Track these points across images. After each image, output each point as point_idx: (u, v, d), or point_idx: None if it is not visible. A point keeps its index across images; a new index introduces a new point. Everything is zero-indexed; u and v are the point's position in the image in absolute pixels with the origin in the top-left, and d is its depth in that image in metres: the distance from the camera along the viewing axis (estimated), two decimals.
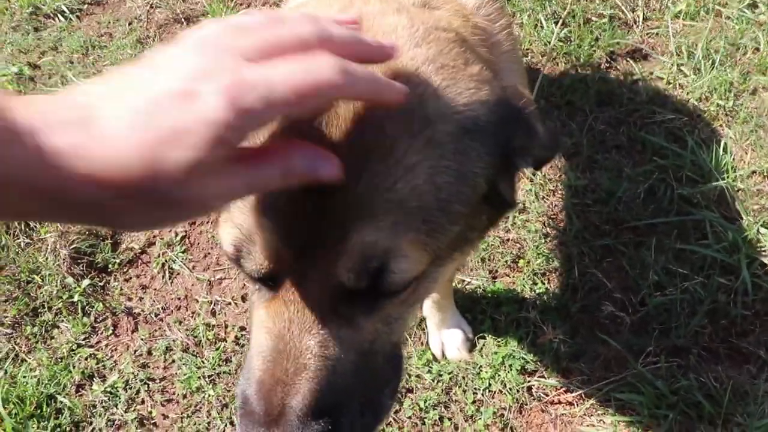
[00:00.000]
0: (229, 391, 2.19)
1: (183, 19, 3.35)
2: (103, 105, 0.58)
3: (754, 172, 2.50)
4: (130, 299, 2.46)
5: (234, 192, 0.66)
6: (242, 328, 2.33)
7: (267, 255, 0.88)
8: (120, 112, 0.58)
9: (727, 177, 2.46)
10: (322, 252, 0.85)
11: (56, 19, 3.49)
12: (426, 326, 2.23)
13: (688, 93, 2.78)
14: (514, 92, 1.01)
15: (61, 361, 2.32)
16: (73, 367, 2.31)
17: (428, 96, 0.87)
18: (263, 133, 0.79)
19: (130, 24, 3.39)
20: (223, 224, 0.93)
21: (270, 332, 0.93)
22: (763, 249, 2.28)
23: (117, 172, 0.56)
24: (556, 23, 3.00)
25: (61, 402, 2.22)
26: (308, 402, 0.89)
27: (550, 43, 2.92)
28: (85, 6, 3.49)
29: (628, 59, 2.95)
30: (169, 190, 0.58)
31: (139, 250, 2.57)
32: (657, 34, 3.03)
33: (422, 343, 2.23)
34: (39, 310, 2.45)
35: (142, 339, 2.35)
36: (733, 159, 2.54)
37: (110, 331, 2.39)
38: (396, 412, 2.09)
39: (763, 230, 2.32)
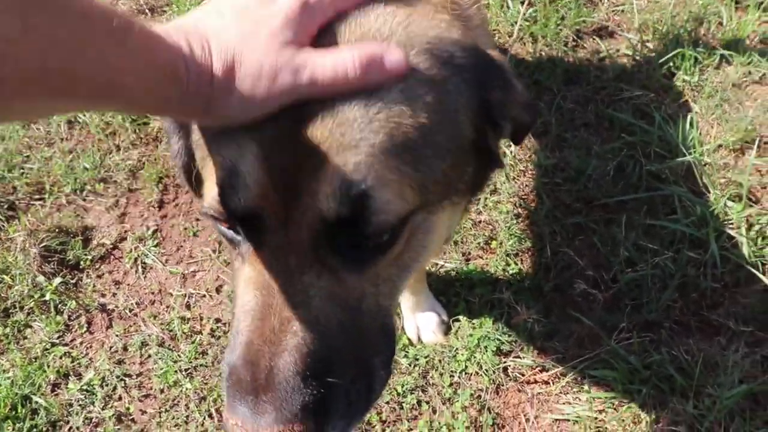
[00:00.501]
0: (206, 384, 2.18)
1: (147, 10, 3.30)
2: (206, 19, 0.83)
3: (720, 146, 2.53)
4: (103, 295, 2.44)
5: (309, 79, 0.81)
6: (217, 320, 2.32)
7: (254, 184, 0.86)
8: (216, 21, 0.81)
9: (694, 152, 2.48)
10: (305, 184, 0.84)
11: None
12: (401, 311, 2.24)
13: (654, 69, 2.80)
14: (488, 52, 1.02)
15: (35, 361, 2.30)
16: (48, 366, 2.28)
17: (395, 25, 0.90)
18: None
19: None
20: (207, 175, 0.94)
21: (255, 285, 0.91)
22: (730, 222, 2.32)
23: (226, 59, 0.78)
24: (522, 3, 3.00)
25: (37, 402, 2.20)
26: (295, 360, 0.86)
27: (516, 23, 2.92)
28: None
29: (594, 37, 2.96)
30: (259, 59, 0.78)
31: (111, 246, 2.54)
32: (622, 11, 3.04)
33: (398, 328, 2.24)
34: (10, 311, 2.42)
35: (117, 335, 2.34)
36: (700, 134, 2.57)
37: (84, 329, 2.37)
38: None
39: (730, 203, 2.35)
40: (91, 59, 0.65)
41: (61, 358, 2.31)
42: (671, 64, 2.79)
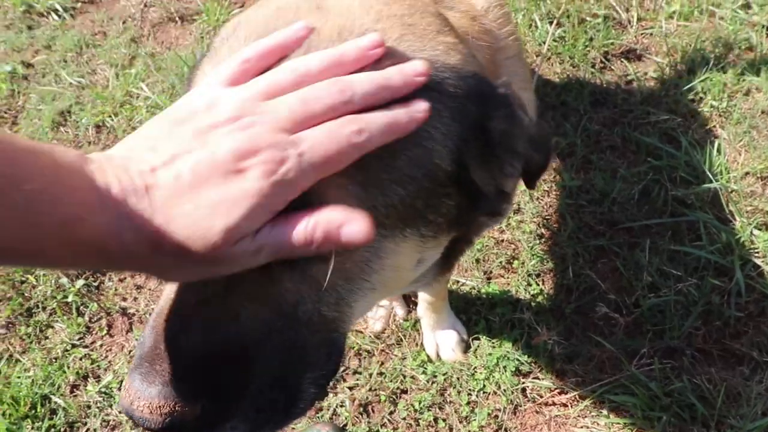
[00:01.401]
0: None
1: (177, 18, 3.34)
2: (158, 175, 0.67)
3: (747, 173, 2.51)
4: (124, 299, 2.46)
5: (270, 252, 0.74)
6: None
7: None
8: (172, 184, 0.67)
9: (721, 178, 2.47)
10: None
11: (50, 17, 3.48)
12: (421, 327, 2.24)
13: (681, 94, 2.79)
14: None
15: (56, 362, 2.32)
16: (68, 367, 2.30)
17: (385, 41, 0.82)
18: None
19: (124, 23, 3.38)
20: None
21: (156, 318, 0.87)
22: (756, 250, 2.29)
23: (171, 239, 0.66)
24: (551, 23, 3.01)
25: (56, 402, 2.21)
26: (202, 341, 0.79)
27: (544, 43, 2.92)
28: (79, 4, 3.49)
29: (622, 59, 2.96)
30: (215, 252, 0.68)
31: None
32: (651, 34, 3.03)
33: (417, 344, 2.24)
34: (33, 311, 2.45)
35: (137, 339, 2.35)
36: (727, 160, 2.55)
37: (105, 332, 2.39)
38: (390, 413, 2.09)
39: (756, 232, 2.33)
40: None
41: (81, 359, 2.32)
42: (699, 89, 2.78)
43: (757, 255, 2.29)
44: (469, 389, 2.12)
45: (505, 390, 2.10)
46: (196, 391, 0.79)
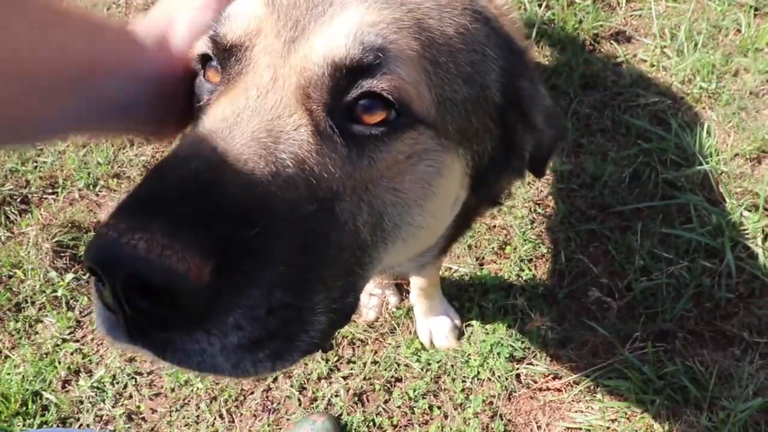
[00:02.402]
0: (217, 384, 2.18)
1: None
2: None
3: (737, 154, 2.51)
4: None
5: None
6: None
7: (248, 14, 0.81)
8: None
9: (711, 160, 2.47)
10: (314, 25, 0.79)
11: None
12: (414, 315, 2.23)
13: (671, 75, 2.78)
14: None
15: (46, 357, 2.30)
16: (59, 362, 2.28)
17: None
18: None
19: (108, 9, 3.32)
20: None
21: (213, 117, 0.77)
22: (746, 232, 2.30)
23: None
24: (540, 6, 2.98)
25: (47, 398, 2.20)
26: (229, 188, 0.67)
27: (534, 26, 2.90)
28: None
29: (611, 42, 2.94)
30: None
31: None
32: (640, 16, 3.02)
33: (410, 332, 2.23)
34: (22, 306, 2.42)
35: None
36: (717, 142, 2.55)
37: (96, 325, 2.36)
38: (385, 402, 2.10)
39: (746, 213, 2.34)
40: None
41: (72, 354, 2.30)
42: (688, 70, 2.77)
43: (747, 236, 2.30)
44: (464, 376, 2.12)
45: (499, 376, 2.10)
46: (210, 246, 0.62)
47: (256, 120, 0.74)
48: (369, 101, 0.79)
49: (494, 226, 2.42)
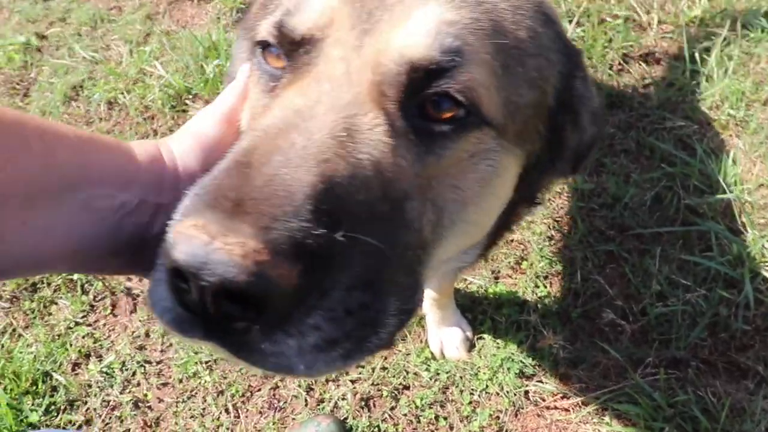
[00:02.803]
0: (225, 378, 2.18)
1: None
2: None
3: (761, 185, 2.49)
4: (129, 279, 2.45)
5: None
6: None
7: (322, 6, 0.80)
8: None
9: (735, 189, 2.45)
10: (389, 17, 0.79)
11: None
12: (426, 324, 2.23)
13: (699, 100, 2.76)
14: None
15: (59, 338, 2.31)
16: (70, 345, 2.30)
17: None
18: None
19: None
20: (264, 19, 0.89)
21: (284, 108, 0.77)
22: (767, 264, 2.28)
23: None
24: (570, 22, 2.97)
25: (57, 380, 2.21)
26: (315, 183, 0.66)
27: None
28: None
29: (640, 62, 2.93)
30: None
31: None
32: (671, 38, 3.00)
33: (421, 341, 2.23)
34: (38, 286, 2.44)
35: (140, 320, 2.35)
36: (742, 171, 2.53)
37: (108, 311, 2.38)
38: (391, 408, 2.09)
39: None
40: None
41: (83, 337, 2.32)
42: (717, 96, 2.75)
43: (767, 269, 2.27)
44: (472, 389, 2.12)
45: (507, 391, 2.09)
46: (298, 250, 0.62)
47: (332, 115, 0.74)
48: (440, 99, 0.79)
49: (512, 241, 2.41)
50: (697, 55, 2.89)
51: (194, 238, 0.59)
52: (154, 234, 0.78)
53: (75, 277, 2.41)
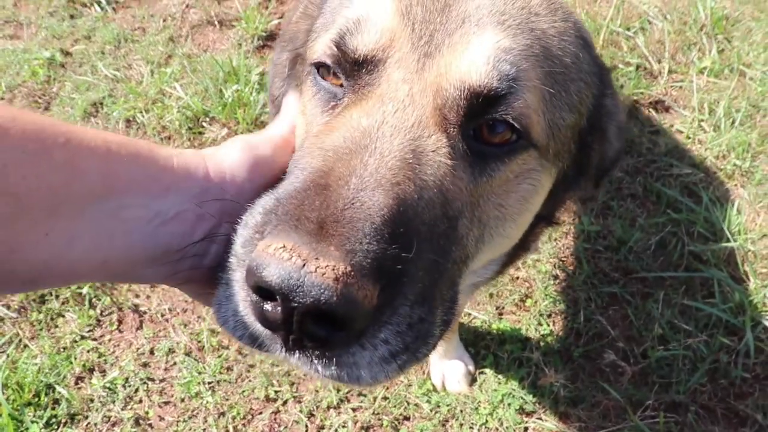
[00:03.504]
0: (227, 400, 2.20)
1: (216, 22, 3.38)
2: None
3: (765, 235, 2.53)
4: (137, 296, 2.48)
5: None
6: None
7: (384, 27, 0.83)
8: None
9: (739, 238, 2.48)
10: (449, 41, 0.82)
11: (92, 8, 3.54)
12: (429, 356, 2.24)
13: (706, 149, 2.82)
14: None
15: (64, 351, 2.33)
16: (75, 358, 2.32)
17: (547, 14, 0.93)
18: None
19: (164, 21, 3.42)
20: (321, 37, 0.93)
21: (351, 128, 0.80)
22: None
23: None
24: None
25: (60, 393, 2.22)
26: (390, 205, 0.70)
27: None
28: None
29: (650, 109, 2.98)
30: None
31: None
32: (681, 87, 3.06)
33: (423, 373, 2.25)
34: (46, 297, 2.47)
35: (145, 338, 2.37)
36: (746, 220, 2.57)
37: (115, 326, 2.40)
38: None
39: None
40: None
41: (88, 352, 2.34)
42: (724, 146, 2.80)
43: None
44: (472, 423, 2.13)
45: (507, 427, 2.11)
46: (378, 270, 0.65)
47: (398, 138, 0.78)
48: (496, 123, 0.84)
49: (517, 278, 2.44)
50: (705, 105, 2.95)
51: (287, 261, 0.61)
52: (199, 244, 0.79)
53: (84, 290, 2.44)
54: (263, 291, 0.63)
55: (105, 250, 0.74)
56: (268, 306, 0.64)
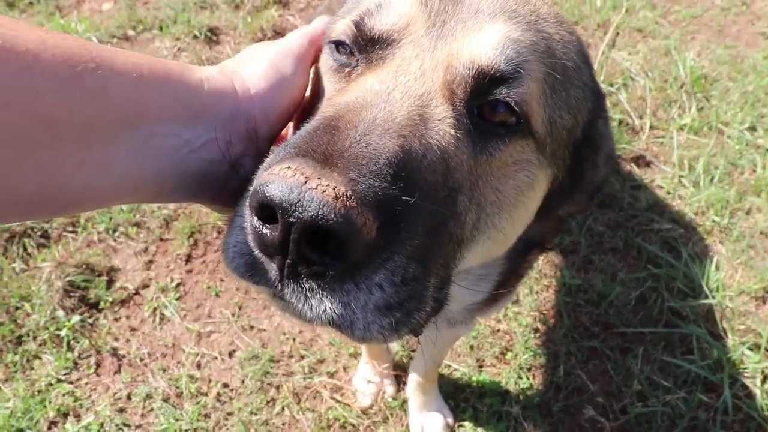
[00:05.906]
0: None
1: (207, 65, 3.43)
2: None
3: (742, 292, 2.56)
4: (117, 339, 2.45)
5: None
6: (225, 385, 2.32)
7: (402, 11, 0.91)
8: None
9: (717, 294, 2.52)
10: (462, 27, 0.89)
11: None
12: (408, 407, 2.24)
13: (686, 205, 2.87)
14: None
15: (38, 395, 2.30)
16: (50, 402, 2.28)
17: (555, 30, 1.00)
18: None
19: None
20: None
21: (363, 90, 0.85)
22: (746, 370, 2.32)
23: None
24: None
25: None
26: (395, 150, 0.74)
27: None
28: (114, 40, 3.57)
29: (632, 164, 3.04)
30: None
31: (133, 291, 2.57)
32: (662, 143, 3.13)
33: (402, 425, 2.23)
34: (23, 339, 2.44)
35: (123, 382, 2.34)
36: (724, 276, 2.61)
37: (92, 370, 2.37)
38: None
39: (747, 352, 2.36)
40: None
41: (64, 395, 2.30)
42: (702, 202, 2.85)
43: (746, 375, 2.32)
44: None
45: None
46: (379, 205, 0.68)
47: (408, 102, 0.83)
48: (497, 103, 0.89)
49: (498, 330, 2.45)
50: (685, 161, 3.01)
51: (289, 177, 0.64)
52: (228, 169, 0.83)
53: (63, 333, 2.41)
54: (265, 211, 0.65)
55: (136, 177, 0.76)
56: (266, 230, 0.65)
